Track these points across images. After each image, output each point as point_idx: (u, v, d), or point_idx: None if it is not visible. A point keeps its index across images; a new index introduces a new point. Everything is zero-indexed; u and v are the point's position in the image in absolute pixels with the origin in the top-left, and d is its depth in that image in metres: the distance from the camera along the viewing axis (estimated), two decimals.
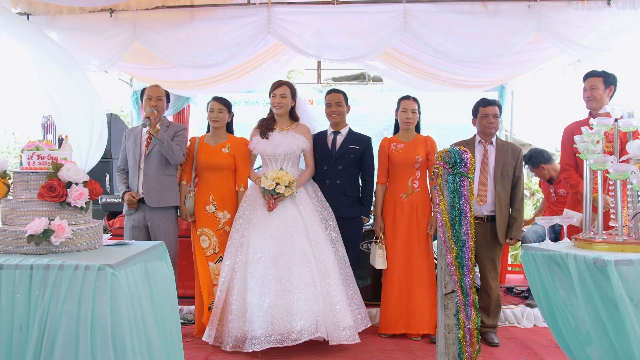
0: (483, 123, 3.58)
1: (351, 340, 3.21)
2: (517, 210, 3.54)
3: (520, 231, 3.57)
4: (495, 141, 3.61)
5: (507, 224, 3.53)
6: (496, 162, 3.53)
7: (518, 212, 3.54)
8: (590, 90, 3.40)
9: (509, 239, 3.55)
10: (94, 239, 2.19)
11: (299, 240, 3.32)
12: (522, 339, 3.63)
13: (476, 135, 3.66)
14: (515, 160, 3.55)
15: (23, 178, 2.13)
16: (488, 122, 3.56)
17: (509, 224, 3.54)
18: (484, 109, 3.59)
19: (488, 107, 3.58)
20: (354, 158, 3.70)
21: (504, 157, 3.53)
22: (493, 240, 3.53)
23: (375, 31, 4.39)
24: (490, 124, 3.56)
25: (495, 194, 3.50)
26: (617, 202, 2.30)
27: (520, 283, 5.01)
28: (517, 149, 3.63)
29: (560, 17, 4.22)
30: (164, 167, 3.58)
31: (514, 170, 3.54)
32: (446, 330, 2.43)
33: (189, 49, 4.53)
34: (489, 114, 3.56)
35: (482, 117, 3.59)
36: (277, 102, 3.58)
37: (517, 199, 3.54)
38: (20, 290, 1.81)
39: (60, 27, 4.47)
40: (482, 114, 3.59)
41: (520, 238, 3.60)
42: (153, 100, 3.61)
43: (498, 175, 3.51)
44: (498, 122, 3.60)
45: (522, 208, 3.56)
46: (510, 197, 3.55)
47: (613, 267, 1.97)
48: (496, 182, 3.51)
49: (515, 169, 3.55)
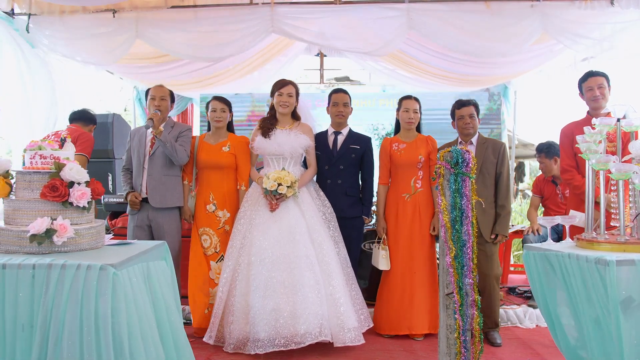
0: (460, 125, 3.62)
1: (356, 342, 3.20)
2: (501, 206, 3.50)
3: (507, 227, 3.52)
4: (475, 140, 3.61)
5: (492, 222, 3.50)
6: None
7: (502, 208, 3.50)
8: (599, 89, 3.33)
9: (494, 235, 3.50)
10: (96, 239, 2.20)
11: (302, 242, 3.30)
12: (525, 339, 3.62)
13: (458, 137, 3.70)
14: (497, 156, 3.53)
15: (25, 178, 2.14)
16: (464, 123, 3.59)
17: (495, 220, 3.51)
18: (459, 111, 3.62)
19: (463, 109, 3.61)
20: (354, 158, 3.70)
21: (483, 155, 3.53)
22: (480, 238, 3.45)
23: (378, 31, 4.39)
24: (467, 124, 3.58)
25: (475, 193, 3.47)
26: (620, 202, 2.29)
27: (522, 283, 5.00)
28: (498, 144, 3.62)
29: (563, 16, 4.20)
30: (168, 168, 3.59)
31: (496, 167, 3.53)
32: (448, 331, 2.43)
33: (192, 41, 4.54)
34: (464, 114, 3.59)
35: (459, 119, 3.63)
36: (283, 101, 3.56)
37: (501, 194, 3.51)
38: (23, 289, 1.82)
39: (62, 27, 4.49)
40: (458, 116, 3.63)
41: (507, 235, 3.54)
42: (157, 100, 3.61)
43: (477, 174, 3.48)
44: (475, 121, 3.60)
45: (506, 204, 3.51)
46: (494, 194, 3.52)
47: (614, 267, 1.96)
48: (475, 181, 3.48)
49: (496, 165, 3.53)
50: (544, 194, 4.76)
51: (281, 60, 5.42)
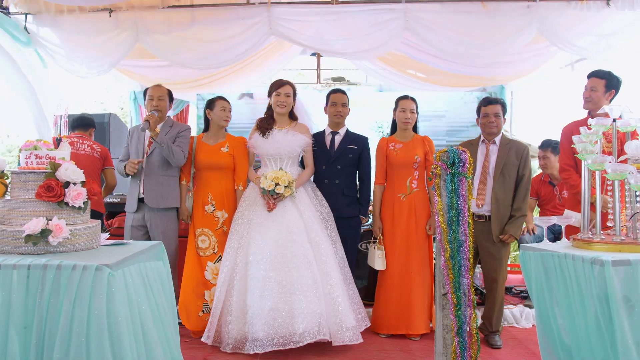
0: (484, 122, 3.57)
1: (354, 341, 3.20)
2: (516, 209, 3.46)
3: (519, 230, 3.49)
4: (499, 140, 3.56)
5: (503, 225, 3.45)
6: (497, 162, 3.49)
7: (517, 210, 3.45)
8: (590, 91, 3.36)
9: (503, 235, 3.45)
10: (92, 239, 2.19)
11: (300, 241, 3.30)
12: (521, 339, 3.62)
13: (481, 134, 3.65)
14: (519, 159, 3.48)
15: (21, 178, 2.13)
16: (488, 121, 3.54)
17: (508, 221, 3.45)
18: (485, 108, 3.58)
19: (489, 107, 3.56)
20: (352, 158, 3.71)
21: (505, 157, 3.49)
22: (491, 240, 3.48)
23: (375, 32, 4.39)
24: (490, 123, 3.53)
25: (493, 194, 3.46)
26: (615, 202, 2.30)
27: (519, 283, 5.01)
28: (522, 147, 3.56)
29: (559, 17, 4.21)
30: (166, 168, 3.59)
31: (518, 170, 3.49)
32: (444, 331, 2.43)
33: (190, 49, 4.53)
34: (489, 113, 3.54)
35: (483, 117, 3.58)
36: (281, 101, 3.56)
37: (519, 198, 3.47)
38: (18, 290, 1.81)
39: (61, 27, 4.47)
40: (483, 113, 3.58)
41: (517, 236, 3.53)
42: (155, 100, 3.60)
43: (498, 175, 3.47)
44: (500, 121, 3.55)
45: (522, 207, 3.46)
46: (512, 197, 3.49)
47: (610, 267, 1.97)
48: (495, 182, 3.48)
49: (519, 168, 3.49)
50: (540, 196, 4.75)
51: (278, 60, 5.41)
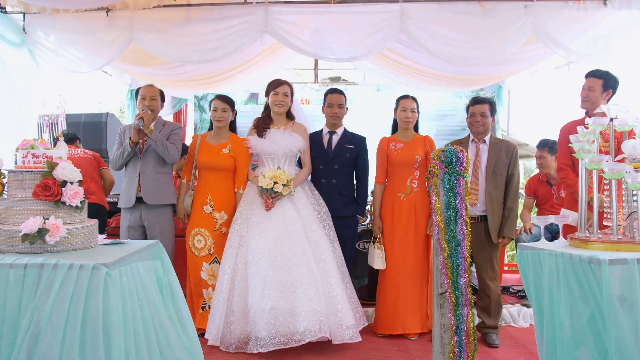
0: (470, 121, 3.60)
1: (353, 339, 3.21)
2: (509, 208, 3.48)
3: (514, 230, 3.51)
4: (488, 140, 3.58)
5: (499, 224, 3.48)
6: (488, 161, 3.51)
7: (510, 210, 3.47)
8: (587, 90, 3.36)
9: (501, 238, 3.48)
10: (89, 238, 2.18)
11: (299, 240, 3.31)
12: (519, 338, 3.63)
13: (470, 134, 3.66)
14: (509, 158, 3.51)
15: (18, 177, 2.12)
16: (474, 120, 3.56)
17: (501, 222, 3.49)
18: (472, 108, 3.61)
19: (475, 106, 3.59)
20: (349, 157, 3.71)
21: (496, 156, 3.50)
22: (487, 240, 3.49)
23: (372, 31, 4.39)
24: (476, 122, 3.55)
25: (487, 194, 3.47)
26: (612, 201, 2.30)
27: (516, 283, 5.02)
28: (511, 146, 3.59)
29: (556, 17, 4.22)
30: (161, 166, 3.59)
31: (507, 169, 3.51)
32: (442, 330, 2.43)
33: (186, 48, 4.52)
34: (476, 112, 3.56)
35: (470, 116, 3.61)
36: (279, 101, 3.56)
37: (510, 197, 3.49)
38: (14, 289, 1.80)
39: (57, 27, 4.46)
40: (470, 113, 3.61)
41: (514, 237, 3.54)
42: (147, 100, 3.60)
43: (490, 174, 3.48)
44: (487, 120, 3.56)
45: (514, 206, 3.49)
46: (503, 196, 3.51)
47: (607, 266, 1.97)
48: (488, 181, 3.48)
49: (508, 167, 3.51)
50: (538, 196, 4.76)
51: (276, 59, 5.41)
